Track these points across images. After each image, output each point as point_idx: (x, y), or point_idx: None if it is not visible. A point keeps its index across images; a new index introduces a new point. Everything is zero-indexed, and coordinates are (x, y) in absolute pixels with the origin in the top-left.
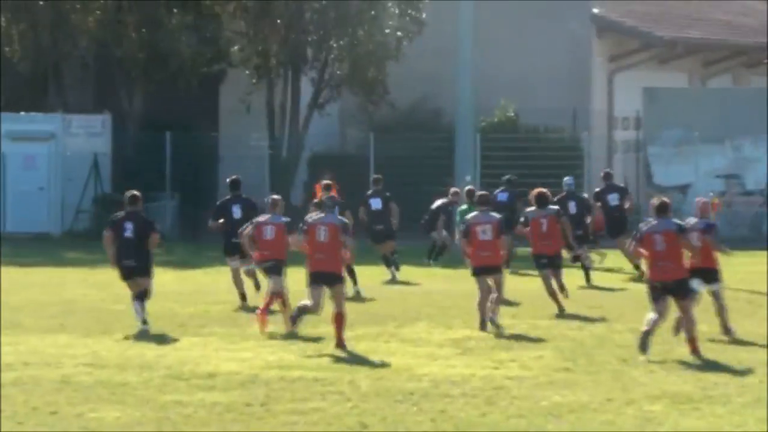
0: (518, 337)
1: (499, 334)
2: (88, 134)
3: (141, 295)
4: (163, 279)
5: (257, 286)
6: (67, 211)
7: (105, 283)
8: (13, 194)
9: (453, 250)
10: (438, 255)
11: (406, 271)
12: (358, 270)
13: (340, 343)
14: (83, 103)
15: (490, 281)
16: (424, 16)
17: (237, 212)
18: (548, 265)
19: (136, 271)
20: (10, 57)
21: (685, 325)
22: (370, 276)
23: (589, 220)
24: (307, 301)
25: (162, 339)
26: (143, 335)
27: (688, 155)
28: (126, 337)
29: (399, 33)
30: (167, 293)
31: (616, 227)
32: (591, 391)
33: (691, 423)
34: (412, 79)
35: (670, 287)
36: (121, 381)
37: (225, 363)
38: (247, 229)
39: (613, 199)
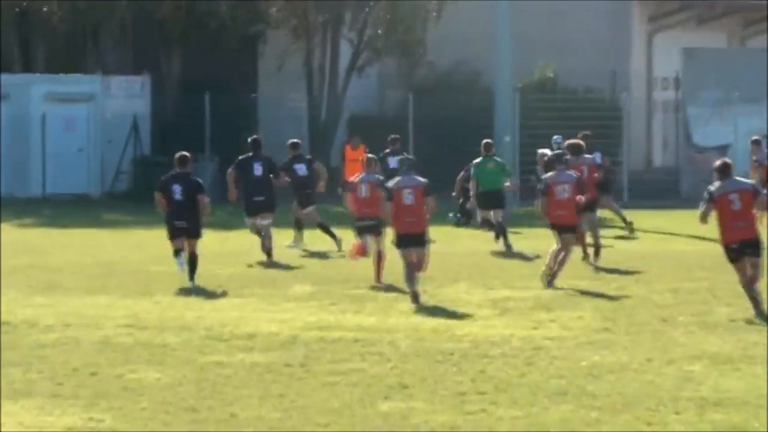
0: (558, 298)
1: (538, 295)
2: (127, 96)
3: (190, 263)
4: (203, 240)
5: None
6: (107, 173)
7: (144, 244)
8: (53, 156)
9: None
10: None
11: (441, 232)
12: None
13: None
14: (122, 65)
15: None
16: None
17: (258, 169)
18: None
19: (186, 231)
20: (49, 18)
21: (754, 276)
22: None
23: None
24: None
25: (202, 300)
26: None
27: (727, 116)
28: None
29: None
30: (207, 254)
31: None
32: (630, 351)
33: (731, 383)
34: (451, 41)
35: (747, 246)
36: (160, 342)
37: (265, 324)
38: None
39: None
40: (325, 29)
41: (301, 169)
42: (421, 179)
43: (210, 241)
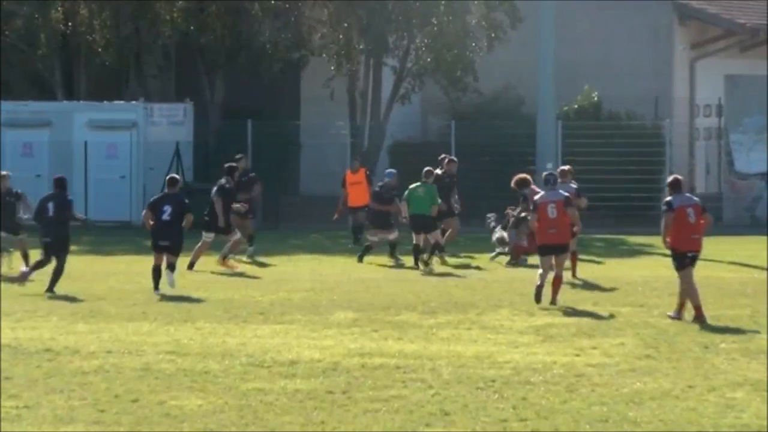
0: (599, 325)
1: (579, 321)
2: (169, 123)
3: (170, 267)
4: (245, 267)
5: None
6: (149, 200)
7: (185, 271)
8: (95, 183)
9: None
10: None
11: (484, 259)
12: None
13: (554, 301)
14: (165, 92)
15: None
16: (519, 10)
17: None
18: None
19: (168, 249)
20: (93, 46)
21: None
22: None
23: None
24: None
25: (243, 327)
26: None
27: None
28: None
29: (488, 25)
30: (249, 281)
31: None
32: (672, 378)
33: None
34: (494, 67)
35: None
36: (202, 369)
37: (306, 350)
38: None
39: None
40: (368, 56)
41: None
42: (563, 193)
43: (251, 268)
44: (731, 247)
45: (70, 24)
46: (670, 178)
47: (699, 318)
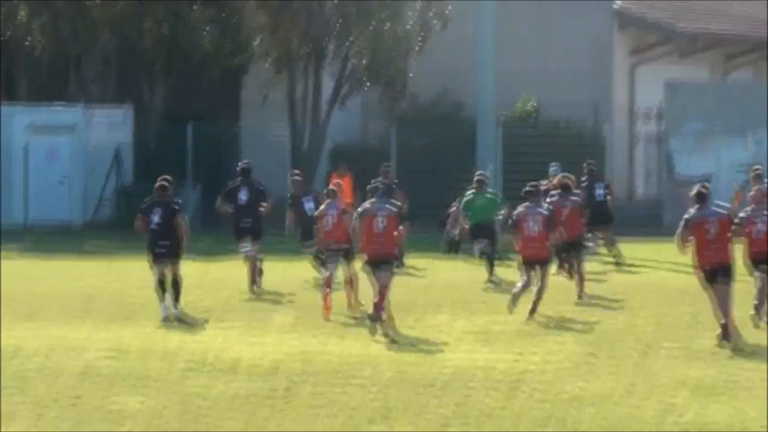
0: (540, 327)
1: (520, 323)
2: (109, 126)
3: (174, 287)
4: (186, 269)
5: (257, 274)
6: (89, 202)
7: (127, 272)
8: (35, 185)
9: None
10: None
11: (424, 262)
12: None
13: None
14: (105, 95)
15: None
16: (448, 10)
17: (243, 198)
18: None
19: (166, 256)
20: (32, 49)
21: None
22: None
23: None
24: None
25: (185, 328)
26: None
27: (710, 148)
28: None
29: (420, 28)
30: (190, 283)
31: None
32: (613, 380)
33: (713, 412)
34: (433, 73)
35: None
36: (143, 370)
37: (247, 352)
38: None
39: (599, 188)
40: (307, 61)
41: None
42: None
43: (192, 270)
44: (671, 251)
45: (8, 26)
46: (694, 190)
47: (724, 334)
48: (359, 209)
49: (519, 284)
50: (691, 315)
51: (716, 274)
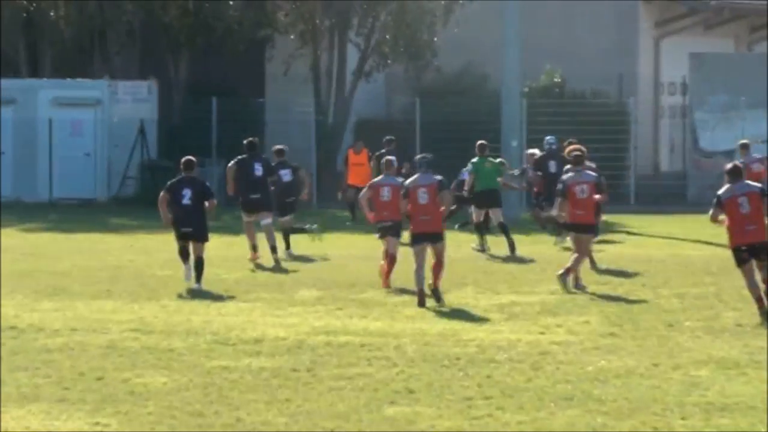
0: (564, 303)
1: (544, 299)
2: (134, 100)
3: (198, 265)
4: (209, 245)
5: (255, 248)
6: (114, 178)
7: (151, 248)
8: (59, 160)
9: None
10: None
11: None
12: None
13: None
14: (129, 70)
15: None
16: None
17: (258, 170)
18: None
19: (192, 236)
20: (56, 23)
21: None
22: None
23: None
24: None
25: (208, 305)
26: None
27: (734, 120)
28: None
29: (446, 1)
30: (213, 259)
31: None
32: (637, 356)
33: (737, 388)
34: (458, 45)
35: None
36: (167, 346)
37: (271, 328)
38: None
39: (552, 166)
40: (332, 33)
41: (285, 175)
42: (436, 177)
43: (216, 246)
44: (695, 225)
45: (33, 1)
46: (728, 166)
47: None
48: (405, 183)
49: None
50: (715, 291)
51: (756, 253)
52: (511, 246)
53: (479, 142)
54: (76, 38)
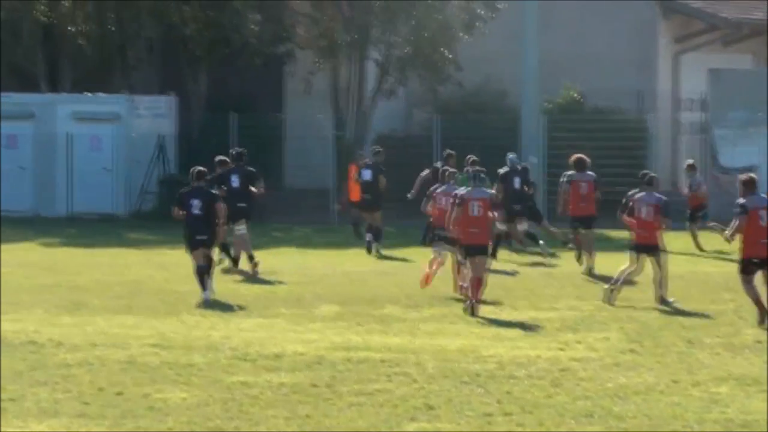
0: (584, 319)
1: (564, 316)
2: (153, 115)
3: (205, 269)
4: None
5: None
6: (133, 192)
7: (170, 263)
8: (79, 175)
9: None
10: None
11: None
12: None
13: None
14: (148, 85)
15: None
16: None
17: (236, 181)
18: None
19: (208, 243)
20: (76, 38)
21: None
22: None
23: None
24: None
25: (228, 320)
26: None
27: (754, 137)
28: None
29: (467, 16)
30: (233, 274)
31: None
32: (657, 372)
33: (757, 405)
34: (477, 61)
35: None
36: (187, 362)
37: (291, 344)
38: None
39: (516, 182)
40: (351, 49)
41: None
42: (489, 191)
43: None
44: (715, 242)
45: (53, 16)
46: (743, 177)
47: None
48: (459, 194)
49: (626, 269)
50: (735, 307)
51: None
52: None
53: (469, 157)
54: (95, 53)
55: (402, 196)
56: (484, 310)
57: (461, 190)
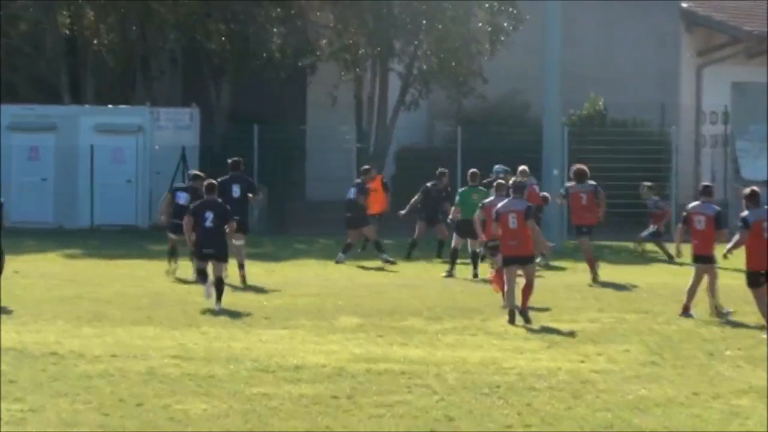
0: (604, 331)
1: (584, 328)
2: (176, 127)
3: (218, 285)
4: (251, 271)
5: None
6: (155, 204)
7: (191, 275)
8: (101, 187)
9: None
10: None
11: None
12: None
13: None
14: (171, 97)
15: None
16: (516, 11)
17: (236, 191)
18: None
19: (214, 257)
20: (99, 50)
21: None
22: (459, 269)
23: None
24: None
25: (248, 331)
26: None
27: None
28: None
29: (490, 28)
30: (254, 286)
31: None
32: (677, 384)
33: None
34: (500, 74)
35: None
36: (207, 373)
37: (311, 355)
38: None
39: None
40: (374, 62)
41: (181, 198)
42: (526, 203)
43: (257, 273)
44: (736, 254)
45: (75, 28)
46: (746, 190)
47: None
48: (496, 210)
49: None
50: (755, 320)
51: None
52: (475, 275)
53: (471, 170)
54: (118, 65)
55: None
56: (505, 322)
57: (496, 202)
